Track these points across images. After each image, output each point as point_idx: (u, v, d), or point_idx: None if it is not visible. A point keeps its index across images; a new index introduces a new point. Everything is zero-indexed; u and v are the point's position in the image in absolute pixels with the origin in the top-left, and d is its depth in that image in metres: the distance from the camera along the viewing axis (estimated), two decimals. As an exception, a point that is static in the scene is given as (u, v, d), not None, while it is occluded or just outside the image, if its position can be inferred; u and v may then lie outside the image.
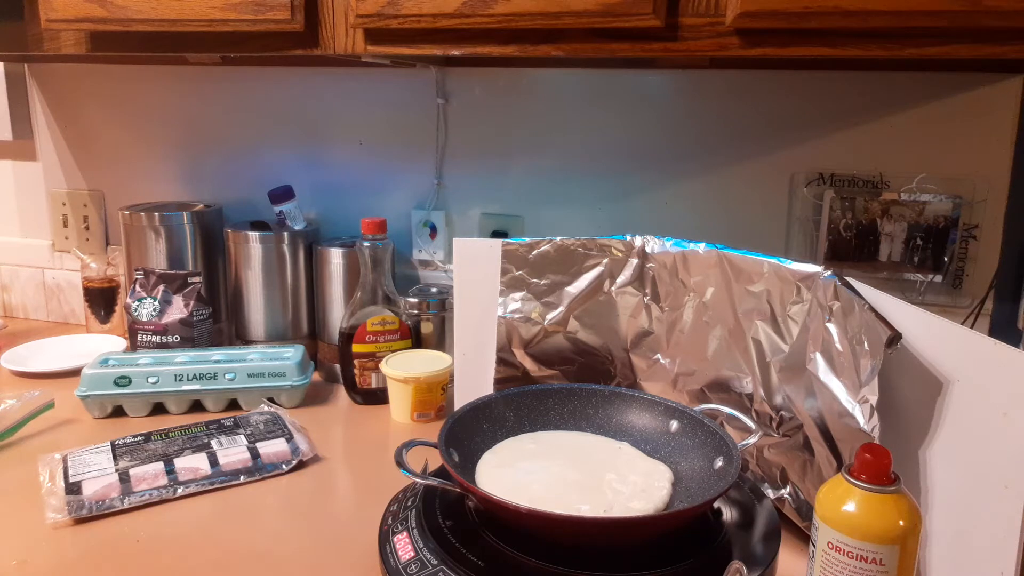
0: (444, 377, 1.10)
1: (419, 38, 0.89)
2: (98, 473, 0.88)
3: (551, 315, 0.98)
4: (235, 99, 1.38)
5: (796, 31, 0.77)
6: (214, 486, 0.90)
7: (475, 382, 1.02)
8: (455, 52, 0.89)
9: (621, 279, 0.97)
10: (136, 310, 1.23)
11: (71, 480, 0.87)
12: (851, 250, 1.12)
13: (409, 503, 0.74)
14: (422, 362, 1.11)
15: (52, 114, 1.48)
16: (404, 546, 0.68)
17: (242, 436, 0.99)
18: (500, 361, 0.98)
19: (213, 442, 0.97)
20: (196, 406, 1.12)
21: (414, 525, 0.70)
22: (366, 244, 1.14)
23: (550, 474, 0.75)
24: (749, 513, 0.73)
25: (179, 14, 0.94)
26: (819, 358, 0.77)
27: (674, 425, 0.82)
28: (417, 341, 1.20)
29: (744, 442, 0.75)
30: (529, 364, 0.98)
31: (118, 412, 1.11)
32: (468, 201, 1.31)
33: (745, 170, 1.17)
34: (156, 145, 1.44)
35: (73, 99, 1.46)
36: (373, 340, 1.15)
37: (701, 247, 0.91)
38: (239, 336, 1.30)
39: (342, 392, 1.20)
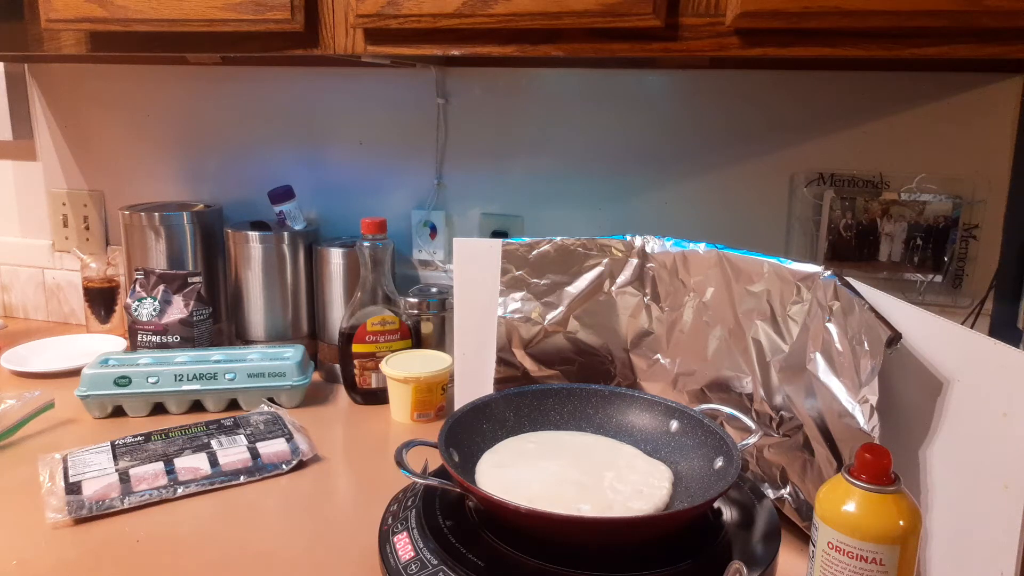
0: (444, 377, 1.10)
1: (419, 38, 0.89)
2: (98, 473, 0.88)
3: (551, 315, 0.98)
4: (235, 99, 1.38)
5: (796, 31, 0.77)
6: (214, 486, 0.90)
7: (475, 382, 1.02)
8: (455, 52, 0.89)
9: (621, 279, 0.97)
10: (136, 310, 1.23)
11: (71, 480, 0.87)
12: (851, 250, 1.12)
13: (409, 503, 0.74)
14: (422, 362, 1.11)
15: (52, 114, 1.48)
16: (404, 546, 0.68)
17: (242, 436, 0.99)
18: (500, 361, 0.98)
19: (213, 442, 0.97)
20: (196, 406, 1.12)
21: (414, 525, 0.70)
22: (366, 244, 1.14)
23: (550, 474, 0.75)
24: (749, 513, 0.73)
25: (179, 14, 0.94)
26: (819, 358, 0.77)
27: (674, 425, 0.82)
28: (417, 341, 1.20)
29: (744, 442, 0.75)
30: (529, 364, 0.98)
31: (118, 412, 1.11)
32: (468, 201, 1.31)
33: (745, 170, 1.16)
34: (156, 145, 1.44)
35: (73, 99, 1.46)
36: (373, 340, 1.15)
37: (701, 247, 0.91)
38: (239, 336, 1.30)
39: (342, 392, 1.20)
